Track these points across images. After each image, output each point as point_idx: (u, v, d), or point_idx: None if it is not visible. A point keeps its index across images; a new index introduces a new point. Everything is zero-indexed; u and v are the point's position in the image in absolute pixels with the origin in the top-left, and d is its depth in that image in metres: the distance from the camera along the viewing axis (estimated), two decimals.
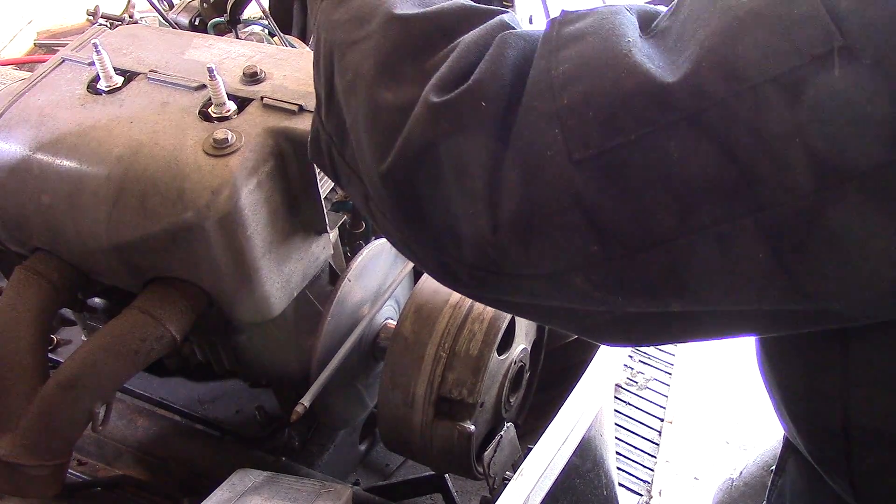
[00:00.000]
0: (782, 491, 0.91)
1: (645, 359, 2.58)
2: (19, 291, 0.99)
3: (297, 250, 1.03)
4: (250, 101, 0.98)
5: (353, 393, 1.26)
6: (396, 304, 1.29)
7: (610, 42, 0.50)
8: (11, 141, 0.97)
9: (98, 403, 0.96)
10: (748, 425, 2.31)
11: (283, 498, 0.96)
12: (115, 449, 1.22)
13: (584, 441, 1.16)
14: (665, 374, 2.52)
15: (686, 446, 2.28)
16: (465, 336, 1.07)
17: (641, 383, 2.49)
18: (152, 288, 0.98)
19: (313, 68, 0.73)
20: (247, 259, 0.94)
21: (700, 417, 2.37)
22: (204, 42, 1.11)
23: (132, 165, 0.92)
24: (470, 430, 1.06)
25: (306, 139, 0.92)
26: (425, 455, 1.13)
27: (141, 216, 0.92)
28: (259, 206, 0.93)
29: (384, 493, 1.21)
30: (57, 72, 1.06)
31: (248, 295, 0.98)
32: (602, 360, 1.20)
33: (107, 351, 0.94)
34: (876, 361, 0.61)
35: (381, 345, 1.23)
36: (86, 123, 0.96)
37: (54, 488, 0.96)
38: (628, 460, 2.24)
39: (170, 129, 0.94)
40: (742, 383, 2.39)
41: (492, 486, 1.13)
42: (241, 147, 0.91)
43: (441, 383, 1.06)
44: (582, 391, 1.14)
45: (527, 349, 1.22)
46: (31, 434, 0.93)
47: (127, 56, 1.07)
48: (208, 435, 1.25)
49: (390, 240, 0.70)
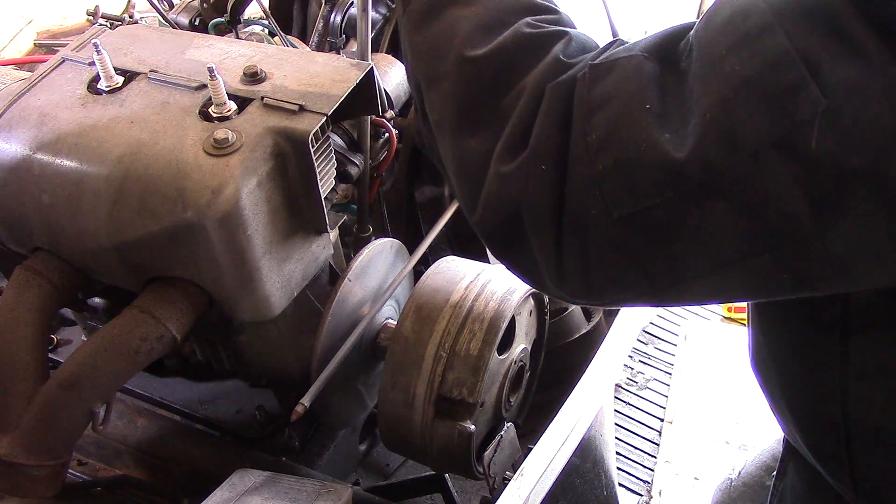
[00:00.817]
0: (783, 495, 0.91)
1: (645, 359, 2.58)
2: (19, 291, 0.99)
3: (297, 250, 1.03)
4: (250, 100, 0.98)
5: (353, 393, 1.26)
6: (396, 304, 1.29)
7: (632, 112, 0.57)
8: (11, 141, 0.97)
9: (98, 403, 0.96)
10: (748, 425, 2.31)
11: (283, 498, 0.96)
12: (115, 449, 1.22)
13: (584, 441, 1.16)
14: (665, 374, 2.52)
15: (686, 446, 2.28)
16: (465, 336, 1.07)
17: (641, 383, 2.49)
18: (152, 288, 0.98)
19: (406, 75, 0.80)
20: (247, 258, 0.94)
21: (700, 417, 2.37)
22: (204, 42, 1.11)
23: (132, 165, 0.92)
24: (470, 429, 1.06)
25: (306, 139, 0.92)
26: (425, 455, 1.13)
27: (141, 216, 0.92)
28: (259, 205, 0.93)
29: (384, 493, 1.21)
30: (57, 72, 1.06)
31: (249, 294, 0.98)
32: (602, 360, 1.20)
33: (107, 351, 0.94)
34: (875, 355, 0.62)
35: (382, 345, 1.22)
36: (86, 123, 0.96)
37: (54, 488, 0.96)
38: (628, 460, 2.24)
39: (170, 129, 0.94)
40: (742, 383, 2.39)
41: (492, 486, 1.13)
42: (242, 147, 0.91)
43: (441, 383, 1.06)
44: (582, 391, 1.14)
45: (527, 349, 1.22)
46: (31, 434, 0.93)
47: (127, 56, 1.07)
48: (208, 435, 1.25)
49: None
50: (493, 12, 0.68)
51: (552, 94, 0.61)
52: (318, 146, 0.96)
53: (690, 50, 0.56)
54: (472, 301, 1.10)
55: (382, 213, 1.44)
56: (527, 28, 0.66)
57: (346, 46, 1.42)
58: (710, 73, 0.54)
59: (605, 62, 0.60)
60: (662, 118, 0.55)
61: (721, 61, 0.53)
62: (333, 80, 0.99)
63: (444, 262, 1.20)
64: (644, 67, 0.58)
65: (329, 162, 1.00)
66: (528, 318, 1.22)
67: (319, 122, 0.94)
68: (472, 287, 1.12)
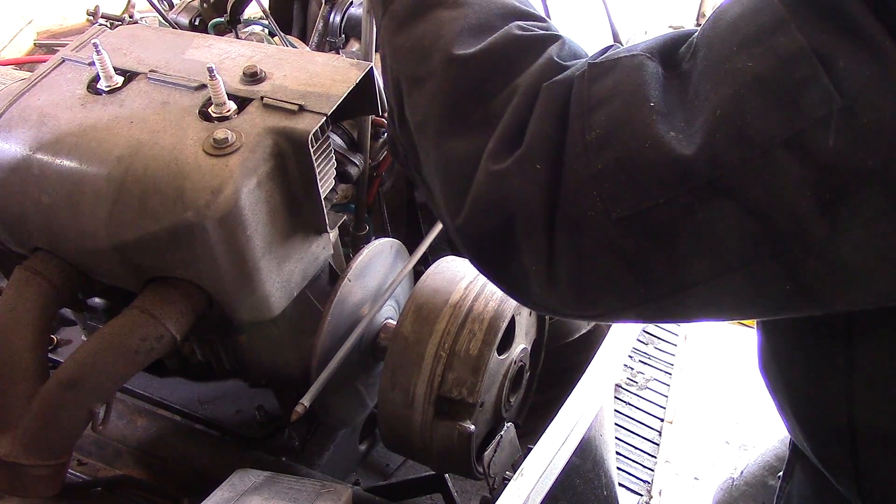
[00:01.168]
0: (790, 497, 0.91)
1: (645, 359, 2.58)
2: (19, 291, 0.99)
3: (297, 250, 1.03)
4: (250, 100, 0.98)
5: (353, 393, 1.26)
6: (396, 304, 1.29)
7: (633, 109, 0.54)
8: (11, 141, 0.97)
9: (98, 403, 0.96)
10: (748, 425, 2.31)
11: (283, 498, 0.96)
12: (115, 449, 1.22)
13: (584, 441, 1.16)
14: (665, 374, 2.52)
15: (686, 446, 2.28)
16: (465, 336, 1.07)
17: (641, 383, 2.49)
18: (152, 288, 0.98)
19: (382, 77, 0.76)
20: (247, 259, 0.94)
21: (700, 417, 2.37)
22: (204, 42, 1.11)
23: (132, 165, 0.92)
24: (470, 429, 1.06)
25: (306, 139, 0.92)
26: (425, 455, 1.13)
27: (141, 216, 0.92)
28: (259, 205, 0.93)
29: (384, 493, 1.21)
30: (57, 72, 1.06)
31: (248, 294, 0.98)
32: (602, 360, 1.20)
33: (107, 351, 0.94)
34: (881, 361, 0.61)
35: (381, 345, 1.22)
36: (86, 123, 0.96)
37: (54, 488, 0.96)
38: (628, 460, 2.24)
39: (170, 129, 0.94)
40: (742, 383, 2.39)
41: (492, 486, 1.13)
42: (241, 147, 0.91)
43: (441, 383, 1.06)
44: (582, 391, 1.14)
45: (527, 349, 1.22)
46: (31, 434, 0.93)
47: (127, 56, 1.07)
48: (208, 435, 1.25)
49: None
50: (482, 15, 0.66)
51: (548, 92, 0.59)
52: (318, 146, 0.96)
53: (695, 51, 0.55)
54: (472, 301, 1.10)
55: (382, 213, 1.44)
56: (518, 30, 0.64)
57: (346, 46, 1.42)
58: (720, 70, 0.52)
59: (605, 61, 0.58)
60: (667, 117, 0.54)
61: (731, 58, 0.51)
62: (333, 80, 0.99)
63: (444, 262, 1.20)
64: (647, 66, 0.56)
65: (329, 162, 1.00)
66: (528, 318, 1.22)
67: (319, 122, 0.94)
68: (472, 287, 1.12)
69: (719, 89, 0.51)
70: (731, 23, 0.53)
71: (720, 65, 0.52)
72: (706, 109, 0.52)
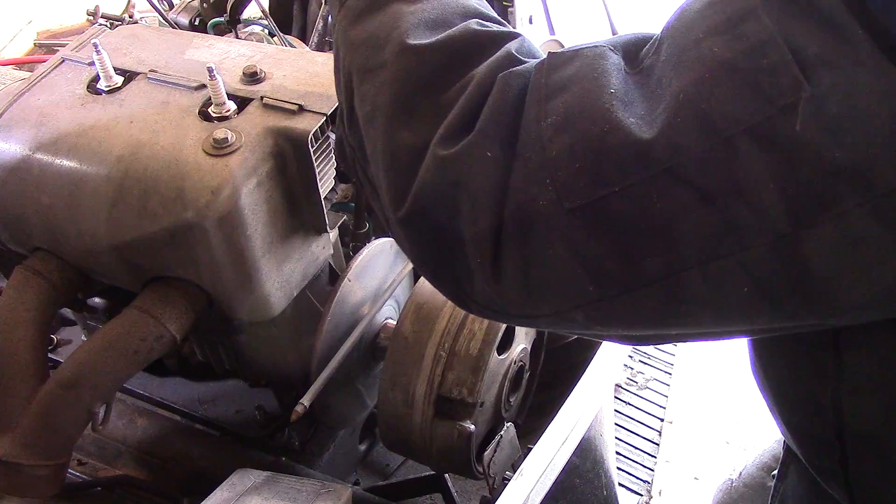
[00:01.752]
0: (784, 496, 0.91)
1: (645, 359, 2.57)
2: (19, 291, 0.99)
3: (297, 250, 1.03)
4: (250, 100, 0.98)
5: (353, 393, 1.26)
6: (396, 304, 1.29)
7: (593, 95, 0.52)
8: (11, 141, 0.97)
9: (98, 403, 0.96)
10: (748, 425, 2.31)
11: (283, 498, 0.96)
12: (115, 449, 1.22)
13: (584, 441, 1.16)
14: (665, 374, 2.52)
15: (686, 446, 2.28)
16: (464, 335, 1.07)
17: (641, 383, 2.49)
18: (152, 287, 0.98)
19: (334, 77, 0.73)
20: (247, 259, 0.94)
21: (700, 417, 2.37)
22: (204, 42, 1.11)
23: (132, 165, 0.92)
24: (470, 429, 1.06)
25: (306, 139, 0.92)
26: (425, 455, 1.13)
27: (141, 216, 0.92)
28: (259, 205, 0.93)
29: (384, 493, 1.21)
30: (57, 72, 1.06)
31: (248, 294, 0.98)
32: (602, 360, 1.20)
33: (107, 351, 0.94)
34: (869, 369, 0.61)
35: (381, 344, 1.22)
36: (86, 123, 0.96)
37: (54, 488, 0.96)
38: (628, 460, 2.24)
39: (170, 129, 0.94)
40: (742, 383, 2.39)
41: (492, 486, 1.13)
42: (241, 147, 0.91)
43: (441, 383, 1.06)
44: (582, 391, 1.14)
45: (527, 349, 1.22)
46: (31, 434, 0.93)
47: (127, 56, 1.07)
48: (208, 435, 1.25)
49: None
50: (441, 11, 0.64)
51: (504, 81, 0.56)
52: (318, 146, 0.96)
53: (659, 45, 0.53)
54: None
55: None
56: (476, 26, 0.62)
57: None
58: (685, 56, 0.50)
59: (566, 52, 0.56)
60: (628, 104, 0.51)
61: (697, 44, 0.49)
62: (333, 79, 0.99)
63: None
64: (609, 56, 0.54)
65: (329, 162, 1.00)
66: None
67: (319, 122, 0.94)
68: None
69: (683, 74, 0.49)
70: (698, 12, 0.51)
71: (685, 52, 0.50)
72: (669, 95, 0.49)
